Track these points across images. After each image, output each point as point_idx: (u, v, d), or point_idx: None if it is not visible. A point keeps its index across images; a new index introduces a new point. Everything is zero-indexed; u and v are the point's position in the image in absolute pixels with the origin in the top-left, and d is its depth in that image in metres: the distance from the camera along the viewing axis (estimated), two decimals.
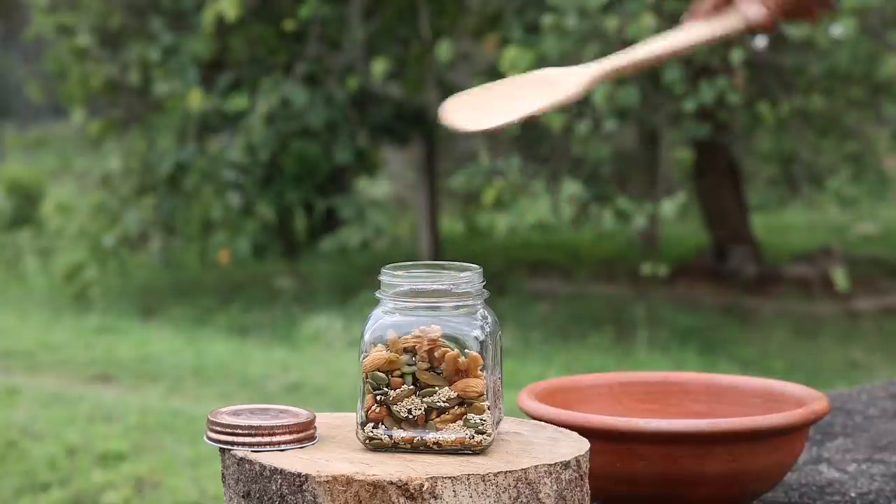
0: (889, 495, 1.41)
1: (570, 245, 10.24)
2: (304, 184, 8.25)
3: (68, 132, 11.80)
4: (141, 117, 8.73)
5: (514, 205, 7.22)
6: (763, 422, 1.24)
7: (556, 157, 7.69)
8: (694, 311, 7.74)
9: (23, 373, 6.51)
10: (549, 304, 8.05)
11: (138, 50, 8.24)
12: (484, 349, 1.08)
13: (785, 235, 10.32)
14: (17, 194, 11.59)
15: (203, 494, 4.33)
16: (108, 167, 8.77)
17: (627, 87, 6.36)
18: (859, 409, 1.83)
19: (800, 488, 1.44)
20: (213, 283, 9.10)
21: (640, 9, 6.27)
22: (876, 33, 6.84)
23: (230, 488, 1.08)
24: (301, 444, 1.08)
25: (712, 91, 6.38)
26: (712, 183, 8.40)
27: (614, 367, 6.29)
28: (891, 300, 7.95)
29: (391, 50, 8.34)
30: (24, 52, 13.70)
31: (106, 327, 7.71)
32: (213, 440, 1.09)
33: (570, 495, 1.05)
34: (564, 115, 6.74)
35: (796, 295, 8.07)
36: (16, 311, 8.30)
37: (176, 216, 8.47)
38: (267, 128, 7.87)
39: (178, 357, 6.80)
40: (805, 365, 6.58)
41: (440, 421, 1.07)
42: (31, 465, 4.66)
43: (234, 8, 7.34)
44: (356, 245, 8.07)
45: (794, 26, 6.23)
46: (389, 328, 1.08)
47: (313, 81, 8.09)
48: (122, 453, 4.80)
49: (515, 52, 6.57)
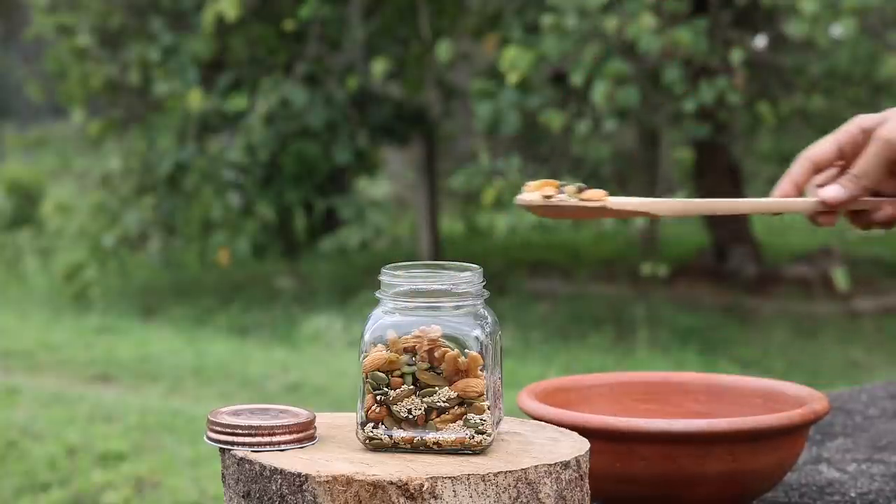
0: (889, 495, 1.41)
1: (570, 245, 10.24)
2: (304, 184, 8.25)
3: (68, 132, 11.80)
4: (141, 117, 8.73)
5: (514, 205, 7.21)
6: (763, 422, 1.24)
7: (556, 157, 7.69)
8: (694, 311, 7.74)
9: (23, 373, 6.51)
10: (549, 304, 8.05)
11: (138, 50, 8.24)
12: (484, 349, 1.08)
13: (785, 235, 10.32)
14: (17, 194, 11.59)
15: (203, 494, 4.34)
16: (108, 167, 8.77)
17: (627, 87, 6.36)
18: (859, 409, 1.83)
19: (800, 488, 1.44)
20: (213, 283, 9.10)
21: (639, 9, 6.27)
22: (876, 33, 6.85)
23: (230, 488, 1.08)
24: (301, 444, 1.08)
25: (712, 91, 6.38)
26: (712, 183, 8.40)
27: (614, 367, 6.29)
28: (891, 300, 7.95)
29: (391, 50, 8.34)
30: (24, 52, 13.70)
31: (106, 327, 7.71)
32: (213, 440, 1.09)
33: (570, 495, 1.05)
34: (564, 114, 6.74)
35: (796, 295, 8.07)
36: (16, 311, 8.30)
37: (176, 216, 8.47)
38: (267, 128, 7.87)
39: (178, 357, 6.80)
40: (805, 365, 6.58)
41: (440, 421, 1.07)
42: (31, 465, 4.66)
43: (234, 8, 7.34)
44: (356, 245, 8.07)
45: (793, 26, 6.23)
46: (389, 328, 1.08)
47: (313, 81, 8.10)
48: (122, 453, 4.80)
49: (515, 52, 6.58)
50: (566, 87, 6.86)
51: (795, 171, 1.36)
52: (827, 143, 1.37)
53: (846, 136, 1.36)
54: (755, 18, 7.33)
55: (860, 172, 1.33)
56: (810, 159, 1.36)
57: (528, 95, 6.83)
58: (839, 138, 1.36)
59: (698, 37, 6.31)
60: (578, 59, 6.48)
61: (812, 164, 1.36)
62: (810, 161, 1.36)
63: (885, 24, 6.92)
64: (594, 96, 6.36)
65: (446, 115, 9.09)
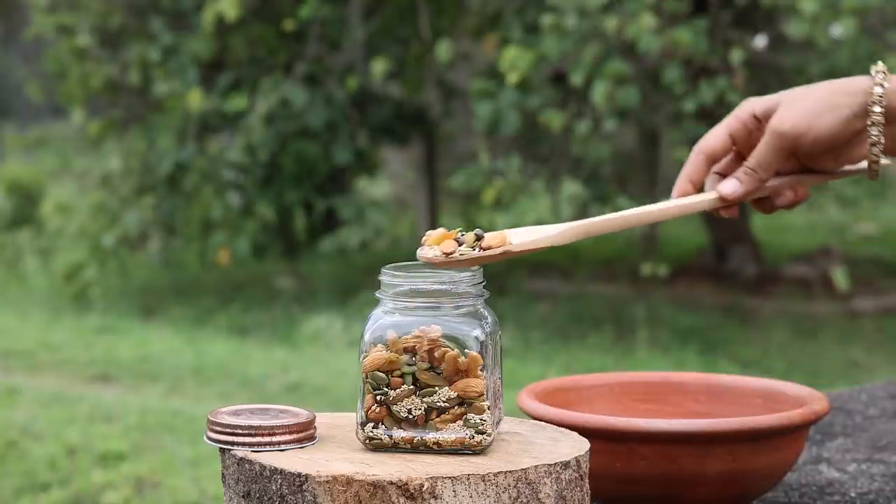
0: (889, 495, 1.41)
1: (570, 245, 10.22)
2: (304, 184, 8.25)
3: (68, 132, 11.80)
4: (141, 117, 8.73)
5: (514, 205, 7.22)
6: (763, 422, 1.24)
7: (556, 157, 7.69)
8: (694, 311, 7.74)
9: (23, 373, 6.51)
10: (549, 304, 8.05)
11: (138, 50, 8.24)
12: (484, 349, 1.08)
13: (785, 235, 10.32)
14: (17, 194, 11.59)
15: (203, 494, 4.34)
16: (108, 167, 8.77)
17: (627, 87, 6.36)
18: (859, 409, 1.83)
19: (800, 488, 1.44)
20: (213, 283, 9.10)
21: (639, 9, 6.27)
22: (876, 33, 6.84)
23: (230, 488, 1.08)
24: (301, 444, 1.08)
25: (712, 91, 6.38)
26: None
27: (614, 367, 6.29)
28: (891, 300, 7.95)
29: (391, 50, 8.34)
30: (24, 52, 13.71)
31: (106, 327, 7.71)
32: (213, 440, 1.09)
33: (570, 495, 1.06)
34: (564, 114, 6.74)
35: (796, 295, 8.07)
36: (16, 311, 8.30)
37: (176, 216, 8.47)
38: (267, 128, 7.87)
39: (178, 357, 6.80)
40: (805, 365, 6.58)
41: (440, 421, 1.07)
42: (31, 465, 4.66)
43: (234, 8, 7.34)
44: (356, 245, 8.07)
45: (793, 26, 6.23)
46: (389, 328, 1.08)
47: (313, 81, 8.10)
48: (122, 453, 4.80)
49: (515, 52, 6.58)
50: (566, 87, 6.86)
51: (690, 168, 1.35)
52: (719, 132, 1.34)
53: (738, 124, 1.33)
54: (755, 18, 7.33)
55: (756, 165, 1.30)
56: (704, 152, 1.34)
57: (528, 95, 6.83)
58: (731, 126, 1.33)
59: (698, 37, 6.31)
60: (578, 59, 6.48)
61: (706, 156, 1.34)
62: (704, 154, 1.34)
63: (885, 24, 6.92)
64: (594, 96, 6.36)
65: (446, 115, 9.09)
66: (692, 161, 1.35)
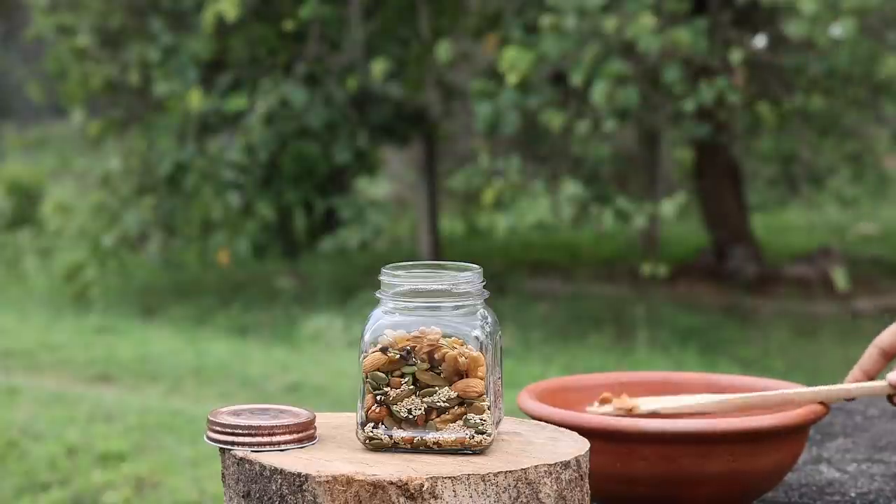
0: (889, 495, 1.41)
1: (570, 245, 10.24)
2: (304, 184, 8.26)
3: (68, 132, 11.81)
4: (141, 117, 8.73)
5: (514, 205, 7.22)
6: (763, 422, 1.24)
7: (556, 157, 7.69)
8: (694, 311, 7.74)
9: (23, 373, 6.51)
10: (549, 304, 8.05)
11: (138, 50, 8.24)
12: (484, 349, 1.08)
13: (785, 235, 10.32)
14: (17, 194, 11.58)
15: (203, 494, 4.34)
16: (108, 167, 8.76)
17: (627, 87, 6.36)
18: (859, 409, 1.83)
19: (800, 488, 1.44)
20: (213, 283, 9.10)
21: (639, 9, 6.27)
22: (876, 33, 6.84)
23: (230, 488, 1.08)
24: (301, 444, 1.08)
25: (712, 91, 6.38)
26: (712, 183, 8.40)
27: (614, 367, 6.29)
28: (891, 300, 7.95)
29: (391, 50, 8.34)
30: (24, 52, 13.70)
31: (106, 327, 7.70)
32: (213, 440, 1.09)
33: (570, 495, 1.05)
34: (564, 114, 6.74)
35: (796, 295, 8.07)
36: (16, 311, 8.30)
37: (176, 216, 8.47)
38: (266, 128, 7.87)
39: (178, 357, 6.80)
40: (805, 365, 6.58)
41: (440, 421, 1.07)
42: (31, 465, 4.66)
43: (234, 8, 7.34)
44: (356, 245, 8.07)
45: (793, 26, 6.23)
46: (389, 328, 1.08)
47: (313, 81, 8.10)
48: (122, 453, 4.80)
49: (515, 52, 6.58)
50: (566, 87, 6.86)
51: (865, 361, 1.41)
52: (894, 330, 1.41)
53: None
54: (755, 18, 7.33)
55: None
56: (879, 347, 1.41)
57: (528, 95, 6.83)
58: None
59: (698, 37, 6.31)
60: (578, 59, 6.48)
61: (881, 350, 1.41)
62: (879, 348, 1.41)
63: (885, 24, 6.92)
64: (594, 96, 6.36)
65: (446, 115, 9.08)
66: (868, 354, 1.41)
